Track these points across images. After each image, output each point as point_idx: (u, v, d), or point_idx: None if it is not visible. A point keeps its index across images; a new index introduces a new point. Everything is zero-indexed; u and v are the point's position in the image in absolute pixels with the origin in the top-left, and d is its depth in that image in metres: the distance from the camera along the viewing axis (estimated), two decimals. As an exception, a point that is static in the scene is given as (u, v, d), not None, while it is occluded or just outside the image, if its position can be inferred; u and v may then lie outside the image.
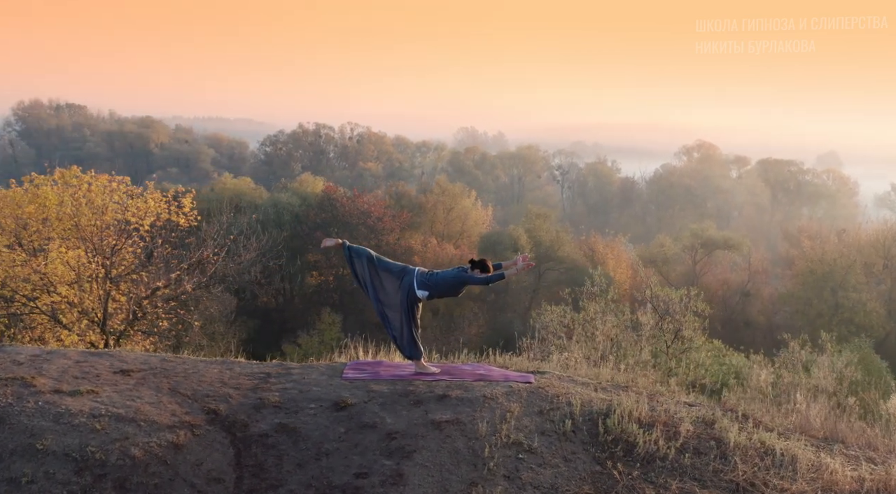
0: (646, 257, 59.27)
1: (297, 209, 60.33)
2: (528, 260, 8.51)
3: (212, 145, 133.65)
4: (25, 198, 16.90)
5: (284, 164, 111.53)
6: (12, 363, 7.98)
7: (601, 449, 7.31)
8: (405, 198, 65.31)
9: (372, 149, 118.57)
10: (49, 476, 6.40)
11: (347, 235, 59.79)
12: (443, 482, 6.63)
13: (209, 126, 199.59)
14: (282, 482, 6.67)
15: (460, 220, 64.77)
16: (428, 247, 60.77)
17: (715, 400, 11.72)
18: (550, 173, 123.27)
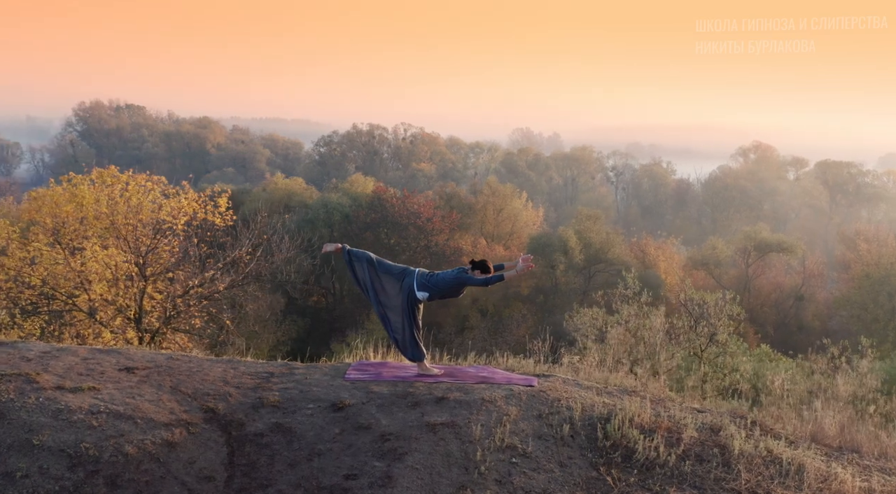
0: (697, 260, 58.58)
1: (347, 209, 60.61)
2: (529, 261, 8.40)
3: (267, 145, 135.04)
4: (63, 197, 17.20)
5: (338, 165, 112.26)
6: (21, 359, 8.11)
7: (599, 455, 7.20)
8: (455, 198, 65.31)
9: (425, 150, 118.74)
10: (43, 472, 6.49)
11: (397, 236, 60.07)
12: (432, 485, 6.58)
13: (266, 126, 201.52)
14: (272, 481, 6.68)
15: (510, 221, 64.57)
16: (477, 247, 60.69)
17: (749, 406, 11.51)
18: (604, 174, 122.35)
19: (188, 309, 17.39)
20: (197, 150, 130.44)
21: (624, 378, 9.56)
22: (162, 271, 17.44)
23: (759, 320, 53.02)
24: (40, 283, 17.31)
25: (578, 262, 56.12)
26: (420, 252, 60.06)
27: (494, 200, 64.24)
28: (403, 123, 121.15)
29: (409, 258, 60.40)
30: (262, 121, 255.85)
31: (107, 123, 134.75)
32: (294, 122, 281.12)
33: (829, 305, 53.48)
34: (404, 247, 60.05)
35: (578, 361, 10.34)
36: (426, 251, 59.86)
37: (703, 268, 57.29)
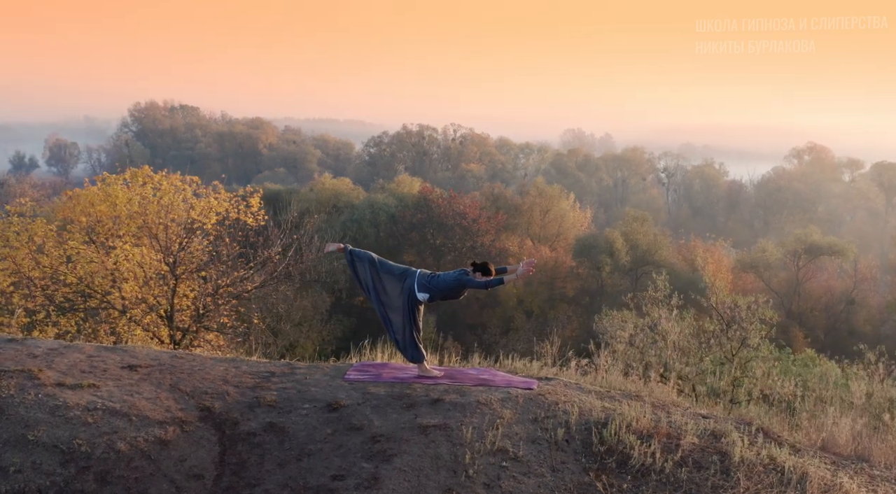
0: (746, 262, 57.80)
1: (392, 209, 60.82)
2: (530, 265, 8.30)
3: (318, 146, 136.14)
4: (98, 196, 17.47)
5: (388, 165, 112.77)
6: (28, 356, 8.24)
7: (593, 460, 7.11)
8: (501, 199, 65.20)
9: (474, 151, 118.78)
10: (35, 467, 6.58)
11: (443, 236, 60.12)
12: (418, 487, 6.55)
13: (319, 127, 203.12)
14: (260, 481, 6.71)
15: (557, 222, 64.31)
16: (523, 248, 60.53)
17: (774, 412, 11.29)
18: (656, 176, 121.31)
19: (217, 308, 17.56)
20: (249, 151, 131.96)
21: (631, 382, 9.42)
22: (192, 270, 17.62)
23: (808, 324, 52.16)
24: (76, 281, 17.59)
25: (625, 264, 55.69)
26: (466, 253, 60.05)
27: (541, 201, 64.01)
28: (453, 124, 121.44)
29: (454, 258, 60.44)
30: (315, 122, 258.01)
31: (161, 124, 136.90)
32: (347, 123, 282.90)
33: (882, 310, 52.44)
34: (450, 247, 60.13)
35: (586, 365, 10.22)
36: (472, 252, 59.84)
37: (753, 271, 56.50)
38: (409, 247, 60.35)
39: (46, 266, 17.56)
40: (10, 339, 8.88)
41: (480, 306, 60.03)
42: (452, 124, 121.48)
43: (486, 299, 59.80)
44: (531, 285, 58.32)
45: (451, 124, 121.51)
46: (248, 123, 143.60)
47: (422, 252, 60.33)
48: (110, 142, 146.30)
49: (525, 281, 58.50)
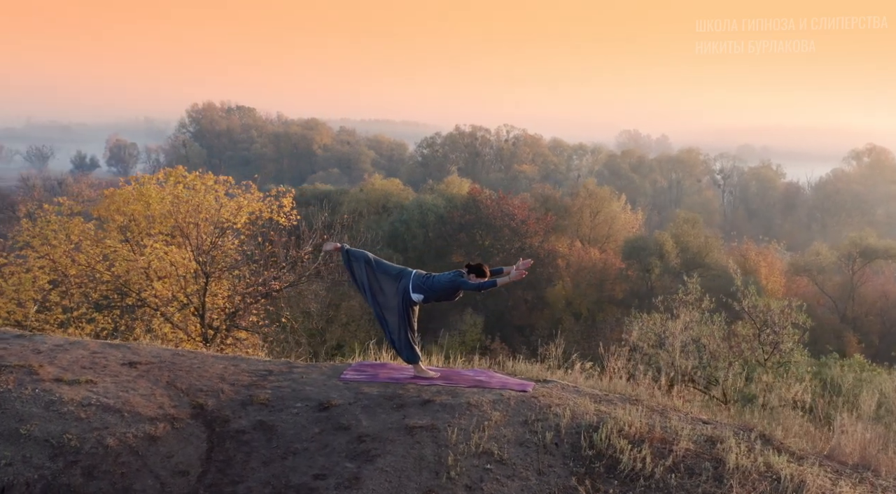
0: (800, 265, 56.80)
1: (441, 210, 60.85)
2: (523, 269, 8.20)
3: (372, 147, 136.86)
4: (131, 196, 17.75)
5: (440, 166, 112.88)
6: (33, 351, 8.40)
7: (581, 464, 7.01)
8: (551, 200, 64.89)
9: (527, 152, 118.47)
10: (26, 460, 6.70)
11: (491, 237, 60.02)
12: (398, 488, 6.53)
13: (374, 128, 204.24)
14: (243, 478, 6.74)
15: (607, 224, 63.80)
16: (573, 250, 60.20)
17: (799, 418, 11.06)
18: (711, 177, 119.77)
19: (246, 307, 17.72)
20: (304, 151, 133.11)
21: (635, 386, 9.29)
22: (224, 268, 17.81)
23: (862, 329, 51.07)
24: (112, 279, 17.88)
25: (675, 266, 55.01)
26: (514, 254, 59.87)
27: (591, 203, 63.57)
28: (506, 125, 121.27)
29: (503, 259, 60.23)
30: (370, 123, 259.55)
31: (218, 124, 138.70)
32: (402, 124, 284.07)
33: (940, 315, 51.24)
34: (499, 248, 59.97)
35: (591, 367, 10.09)
36: (520, 253, 59.62)
37: (806, 274, 55.52)
38: (457, 247, 60.36)
39: (83, 264, 17.87)
40: (19, 335, 9.07)
41: (529, 308, 59.81)
42: (505, 125, 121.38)
43: (535, 301, 59.54)
44: (580, 287, 58.01)
45: (504, 125, 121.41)
46: (304, 124, 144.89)
47: (470, 253, 60.24)
48: (168, 142, 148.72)
49: (574, 283, 58.14)
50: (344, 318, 53.41)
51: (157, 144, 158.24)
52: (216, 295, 18.36)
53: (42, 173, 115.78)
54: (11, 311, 17.37)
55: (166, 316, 17.18)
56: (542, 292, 59.23)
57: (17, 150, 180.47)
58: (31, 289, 17.77)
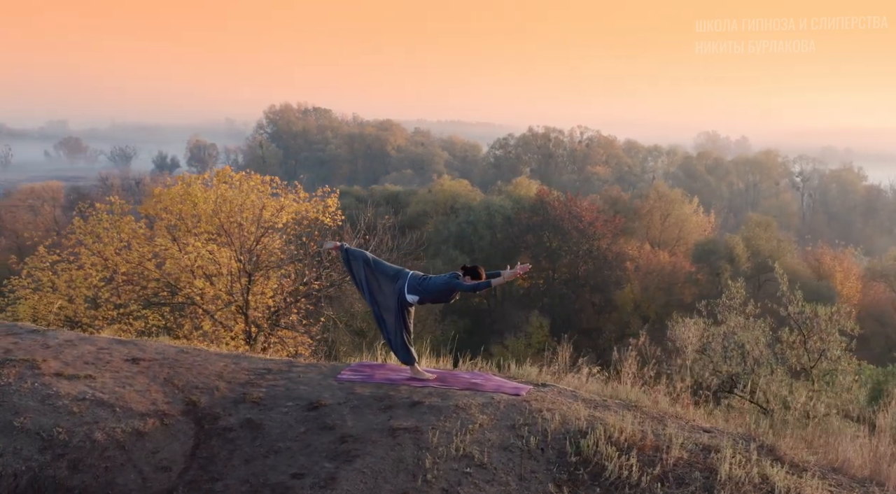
0: (876, 271, 55.22)
1: (508, 211, 60.67)
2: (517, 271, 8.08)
3: (446, 148, 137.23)
4: (178, 196, 18.08)
5: (513, 167, 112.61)
6: (42, 346, 8.60)
7: (565, 471, 6.88)
8: (620, 202, 64.27)
9: (601, 153, 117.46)
10: (16, 452, 6.85)
11: (559, 239, 59.61)
12: (374, 489, 6.49)
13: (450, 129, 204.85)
14: (223, 476, 6.79)
15: (677, 227, 62.92)
16: (642, 253, 59.47)
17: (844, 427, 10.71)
18: (790, 180, 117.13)
19: (287, 306, 17.90)
20: (378, 152, 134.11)
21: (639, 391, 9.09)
22: (267, 268, 18.02)
23: (943, 338, 49.45)
24: (160, 277, 18.24)
25: (746, 271, 53.95)
26: (582, 256, 59.47)
27: (661, 205, 62.76)
28: (579, 126, 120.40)
29: (570, 261, 59.92)
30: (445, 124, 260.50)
31: (294, 126, 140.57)
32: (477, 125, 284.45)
33: None
34: (566, 250, 59.61)
35: (598, 372, 9.91)
36: (588, 255, 59.20)
37: (883, 280, 53.95)
38: (524, 249, 60.15)
39: (133, 261, 18.26)
40: (34, 330, 9.29)
41: (596, 311, 59.30)
42: (579, 126, 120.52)
43: (603, 304, 59.00)
44: (648, 290, 57.31)
45: (578, 126, 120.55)
46: (378, 125, 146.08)
47: (537, 254, 59.99)
48: (246, 143, 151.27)
49: (642, 287, 57.45)
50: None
51: (236, 145, 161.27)
52: (264, 293, 18.59)
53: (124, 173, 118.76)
54: (63, 307, 17.81)
55: (209, 313, 17.45)
56: (610, 295, 58.67)
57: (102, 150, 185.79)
58: (82, 286, 18.21)
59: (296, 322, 18.36)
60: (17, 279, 18.15)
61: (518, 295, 62.03)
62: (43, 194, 76.82)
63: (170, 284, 18.48)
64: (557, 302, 59.51)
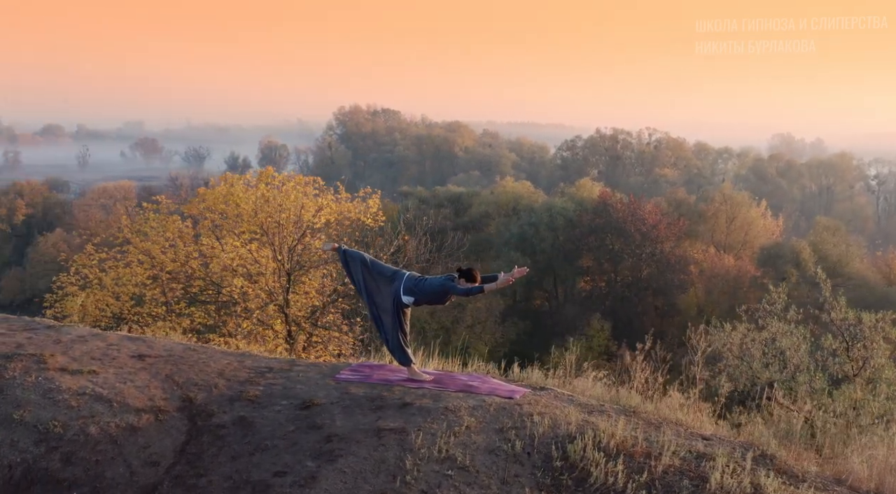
0: (950, 277, 53.62)
1: (571, 213, 60.28)
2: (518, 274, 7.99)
3: (514, 149, 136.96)
4: (221, 196, 18.36)
5: (580, 169, 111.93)
6: (54, 342, 8.83)
7: (549, 476, 6.81)
8: (685, 205, 63.40)
9: (669, 155, 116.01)
10: (13, 444, 7.05)
11: (621, 241, 59.02)
12: (353, 489, 6.51)
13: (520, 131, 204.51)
14: (208, 472, 6.88)
15: (743, 230, 61.79)
16: (706, 256, 58.59)
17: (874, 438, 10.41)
18: (865, 183, 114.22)
19: (325, 306, 18.05)
20: (445, 153, 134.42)
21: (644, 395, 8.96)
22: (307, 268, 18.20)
23: None
24: (204, 275, 18.55)
25: (812, 276, 52.75)
26: (645, 259, 58.83)
27: (726, 208, 61.73)
28: (648, 128, 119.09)
29: (633, 264, 59.29)
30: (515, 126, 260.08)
31: (363, 127, 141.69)
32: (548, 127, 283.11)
33: None
34: (629, 253, 59.02)
35: (606, 376, 9.78)
36: (651, 258, 58.51)
37: (958, 287, 52.38)
38: (586, 251, 59.72)
39: (177, 260, 18.60)
40: (50, 326, 9.54)
41: (659, 314, 58.58)
42: (647, 128, 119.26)
43: (666, 307, 58.26)
44: (712, 294, 56.51)
45: (647, 128, 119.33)
46: (446, 126, 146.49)
47: (599, 257, 59.52)
48: (316, 144, 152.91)
49: (706, 291, 56.61)
50: (469, 320, 53.67)
51: (307, 146, 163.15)
52: (307, 293, 18.78)
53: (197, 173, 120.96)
54: (109, 304, 18.22)
55: (249, 312, 17.69)
56: (673, 299, 57.96)
57: (176, 151, 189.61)
58: (129, 284, 18.59)
59: (334, 321, 18.49)
60: (65, 276, 18.62)
61: (580, 297, 61.63)
62: (115, 193, 78.77)
63: (214, 283, 18.78)
64: (619, 305, 58.95)
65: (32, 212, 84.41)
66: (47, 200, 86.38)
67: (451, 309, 54.38)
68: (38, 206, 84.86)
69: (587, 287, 61.98)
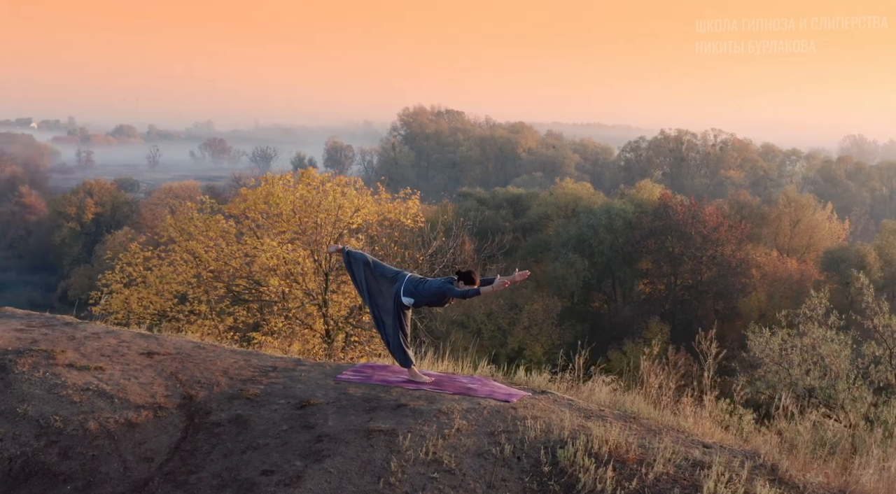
0: None
1: (630, 215, 59.70)
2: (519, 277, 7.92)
3: (577, 151, 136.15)
4: (261, 196, 18.58)
5: (643, 171, 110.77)
6: (68, 338, 9.03)
7: (537, 481, 6.74)
8: (747, 208, 62.36)
9: (735, 157, 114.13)
10: (15, 438, 7.23)
11: (681, 244, 58.27)
12: (337, 489, 6.53)
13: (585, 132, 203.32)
14: (199, 469, 6.96)
15: (807, 234, 60.55)
16: (768, 260, 57.58)
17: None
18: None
19: (361, 306, 18.13)
20: (509, 155, 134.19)
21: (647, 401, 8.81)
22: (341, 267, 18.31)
23: None
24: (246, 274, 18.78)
25: (877, 280, 51.51)
26: (705, 262, 58.03)
27: (790, 211, 60.55)
28: (713, 129, 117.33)
29: (693, 267, 58.49)
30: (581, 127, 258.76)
31: (427, 128, 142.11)
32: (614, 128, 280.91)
33: None
34: (689, 255, 58.28)
35: (612, 381, 9.63)
36: (712, 261, 57.68)
37: None
38: (645, 253, 59.12)
39: (220, 259, 18.85)
40: (68, 323, 9.74)
41: (720, 318, 57.71)
42: (713, 129, 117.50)
43: (727, 311, 57.36)
44: (774, 299, 55.46)
45: (712, 129, 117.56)
46: (510, 127, 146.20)
47: (658, 260, 58.85)
48: (381, 145, 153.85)
49: (768, 295, 55.60)
50: (526, 321, 53.46)
51: (372, 147, 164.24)
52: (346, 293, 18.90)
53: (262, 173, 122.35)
54: (152, 301, 18.53)
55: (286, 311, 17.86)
56: (734, 302, 57.06)
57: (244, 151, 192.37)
58: (173, 282, 18.90)
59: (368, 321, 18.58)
60: (110, 273, 18.99)
61: (638, 300, 61.00)
62: (180, 193, 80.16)
63: (256, 281, 19.00)
64: (678, 309, 58.24)
65: (101, 210, 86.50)
66: (116, 199, 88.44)
67: (508, 311, 54.24)
68: (106, 205, 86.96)
69: (646, 289, 61.30)
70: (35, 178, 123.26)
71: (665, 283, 60.37)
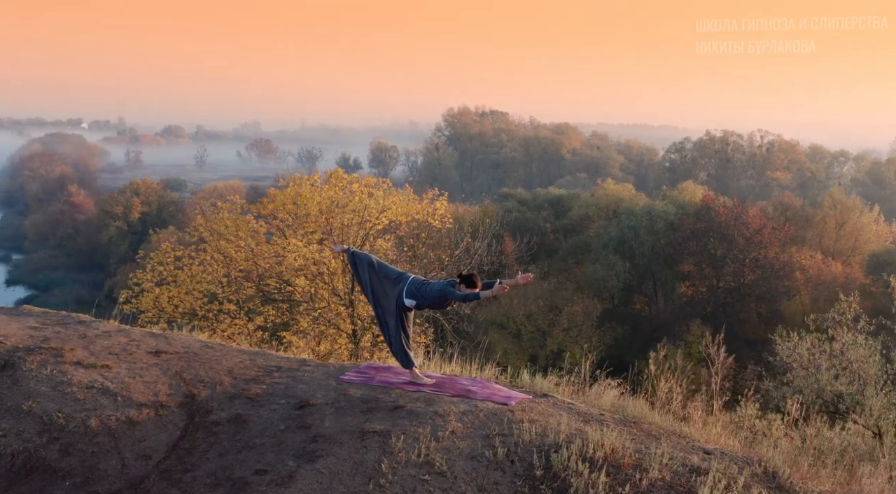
0: None
1: (672, 217, 59.14)
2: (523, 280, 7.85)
3: (622, 151, 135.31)
4: (289, 197, 18.72)
5: (688, 172, 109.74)
6: (79, 336, 9.17)
7: (529, 485, 6.71)
8: (791, 210, 61.50)
9: (782, 158, 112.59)
10: (18, 434, 7.36)
11: (724, 246, 57.63)
12: (327, 489, 6.55)
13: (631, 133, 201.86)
14: (195, 467, 7.02)
15: (852, 236, 59.54)
16: (813, 263, 56.73)
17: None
18: None
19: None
20: (553, 155, 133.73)
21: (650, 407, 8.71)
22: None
23: None
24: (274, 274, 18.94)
25: (924, 284, 50.62)
26: (748, 264, 57.32)
27: (835, 213, 59.60)
28: (760, 130, 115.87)
29: (735, 270, 57.80)
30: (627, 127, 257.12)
31: (471, 128, 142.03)
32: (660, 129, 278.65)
33: None
34: (731, 258, 57.62)
35: (620, 384, 9.55)
36: (755, 264, 56.96)
37: None
38: (687, 255, 58.57)
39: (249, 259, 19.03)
40: (81, 321, 9.88)
41: (762, 321, 56.92)
42: (759, 130, 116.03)
43: (769, 314, 56.58)
44: (818, 302, 54.60)
45: (758, 130, 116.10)
46: (554, 128, 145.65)
47: (699, 262, 58.24)
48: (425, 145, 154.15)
49: (812, 298, 54.77)
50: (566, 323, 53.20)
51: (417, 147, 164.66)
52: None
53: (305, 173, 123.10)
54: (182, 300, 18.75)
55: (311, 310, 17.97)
56: (777, 306, 56.31)
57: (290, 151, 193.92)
58: (203, 281, 19.11)
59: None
60: (141, 272, 19.24)
61: (680, 302, 60.42)
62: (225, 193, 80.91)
63: (285, 281, 19.14)
64: (720, 311, 57.55)
65: (147, 210, 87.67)
66: (162, 199, 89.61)
67: (548, 312, 53.99)
68: (153, 205, 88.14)
69: (688, 292, 60.70)
70: (84, 178, 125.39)
71: (707, 285, 59.70)
